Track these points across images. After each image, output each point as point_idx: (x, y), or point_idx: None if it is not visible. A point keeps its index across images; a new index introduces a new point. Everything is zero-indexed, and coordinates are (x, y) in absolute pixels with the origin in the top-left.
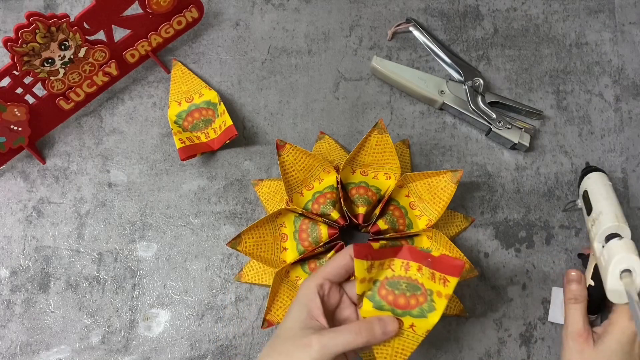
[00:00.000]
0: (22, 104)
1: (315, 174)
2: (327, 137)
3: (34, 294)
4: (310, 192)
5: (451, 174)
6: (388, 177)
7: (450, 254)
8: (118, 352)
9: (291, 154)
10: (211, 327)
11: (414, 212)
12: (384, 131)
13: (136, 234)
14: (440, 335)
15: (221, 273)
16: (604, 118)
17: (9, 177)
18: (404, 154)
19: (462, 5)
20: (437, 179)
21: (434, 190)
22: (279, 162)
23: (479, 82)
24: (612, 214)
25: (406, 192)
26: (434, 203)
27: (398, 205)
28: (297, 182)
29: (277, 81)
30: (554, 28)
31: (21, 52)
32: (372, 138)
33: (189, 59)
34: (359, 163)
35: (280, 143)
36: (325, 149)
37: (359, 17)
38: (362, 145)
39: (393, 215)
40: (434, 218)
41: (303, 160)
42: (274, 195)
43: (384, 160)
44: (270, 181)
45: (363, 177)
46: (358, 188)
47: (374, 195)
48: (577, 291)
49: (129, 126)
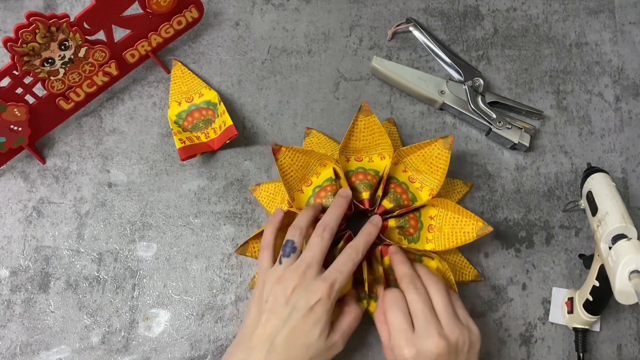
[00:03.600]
0: (22, 104)
1: (312, 170)
2: (314, 132)
3: (34, 294)
4: (310, 188)
5: (442, 141)
6: (382, 157)
7: (460, 217)
8: (118, 352)
9: (287, 155)
10: (211, 327)
11: (414, 185)
12: (370, 113)
13: (136, 234)
14: None
15: (221, 273)
16: (604, 118)
17: (9, 177)
18: (392, 131)
19: (462, 5)
20: (430, 147)
21: (429, 160)
22: (277, 165)
23: (479, 82)
24: (618, 215)
25: (403, 167)
26: (431, 172)
27: (398, 182)
28: (296, 180)
29: (277, 81)
30: (554, 28)
31: (21, 52)
32: (360, 122)
33: (189, 59)
34: (351, 150)
35: (276, 147)
36: (315, 143)
37: (359, 17)
38: (351, 132)
39: (395, 193)
40: (435, 187)
41: (299, 158)
42: (274, 197)
43: (375, 141)
44: (268, 184)
45: (358, 163)
46: (357, 174)
47: (373, 178)
48: None
49: (129, 126)
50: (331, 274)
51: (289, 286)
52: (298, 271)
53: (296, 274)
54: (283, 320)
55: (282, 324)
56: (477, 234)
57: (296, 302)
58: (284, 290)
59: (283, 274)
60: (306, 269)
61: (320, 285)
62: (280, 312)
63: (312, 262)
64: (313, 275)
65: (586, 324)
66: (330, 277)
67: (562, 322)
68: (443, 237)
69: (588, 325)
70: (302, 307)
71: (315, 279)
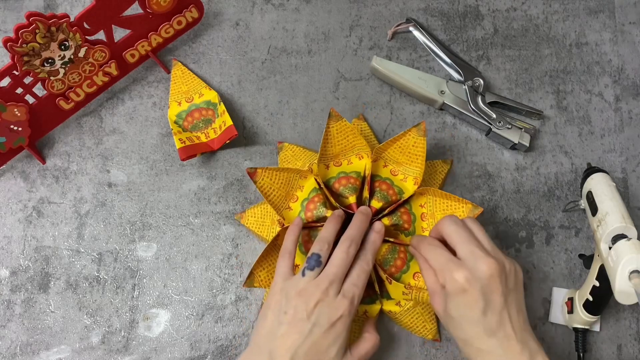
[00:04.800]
0: (22, 104)
1: (294, 184)
2: (286, 145)
3: (34, 294)
4: (297, 204)
5: (415, 129)
6: (360, 157)
7: (449, 201)
8: (118, 352)
9: (265, 176)
10: (211, 327)
11: (397, 177)
12: (340, 118)
13: (136, 234)
14: (440, 335)
15: (221, 273)
16: (604, 118)
17: (9, 177)
18: (364, 127)
19: (462, 5)
20: (405, 138)
21: (406, 150)
22: (257, 188)
23: (479, 82)
24: (618, 215)
25: (383, 163)
26: (411, 162)
27: (382, 179)
28: (281, 199)
29: (277, 81)
30: (554, 28)
31: (21, 52)
32: (332, 128)
33: (189, 59)
34: (329, 157)
35: (251, 170)
36: (290, 157)
37: (359, 17)
38: (325, 139)
39: (382, 190)
40: (418, 175)
41: (278, 176)
42: (263, 220)
43: (351, 144)
44: (254, 209)
45: (338, 167)
46: (339, 180)
47: (356, 181)
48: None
49: (129, 126)
50: (349, 289)
51: (311, 301)
52: (321, 286)
53: (319, 289)
54: (304, 335)
55: (303, 339)
56: (468, 216)
57: (318, 318)
58: (305, 304)
59: (306, 287)
60: (329, 285)
61: (342, 301)
62: (301, 327)
63: (335, 279)
64: (335, 291)
65: (586, 324)
66: (349, 293)
67: (562, 322)
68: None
69: (588, 325)
70: (324, 323)
71: (336, 295)
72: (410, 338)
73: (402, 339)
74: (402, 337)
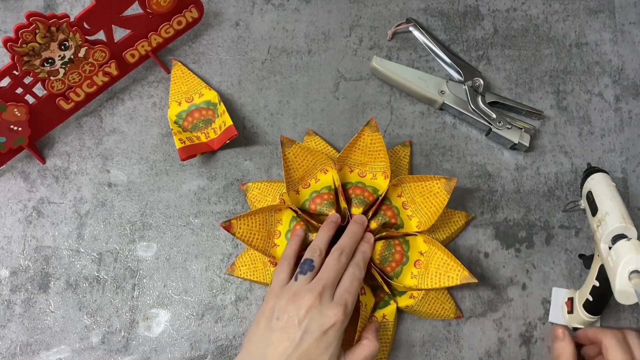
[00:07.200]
0: (22, 104)
1: (272, 221)
2: (250, 185)
3: (34, 294)
4: (307, 191)
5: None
6: (325, 172)
7: (423, 182)
8: (118, 352)
9: (242, 224)
10: (211, 327)
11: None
12: (292, 142)
13: (136, 234)
14: (440, 335)
15: (221, 273)
16: (604, 118)
17: (9, 177)
18: (317, 142)
19: (462, 5)
20: (362, 139)
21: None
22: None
23: (479, 82)
24: (618, 215)
25: (348, 169)
26: (374, 159)
27: (353, 184)
28: (265, 240)
29: (277, 81)
30: (554, 28)
31: (21, 52)
32: (288, 154)
33: (189, 59)
34: (295, 182)
35: (226, 224)
36: (258, 195)
37: (359, 17)
38: (286, 167)
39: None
40: (385, 169)
41: (254, 220)
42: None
43: (312, 163)
44: (242, 257)
45: (307, 189)
46: (313, 200)
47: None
48: (561, 348)
49: (129, 126)
50: (342, 296)
51: (303, 306)
52: (314, 291)
53: (312, 294)
54: (295, 343)
55: (294, 347)
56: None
57: (309, 325)
58: (297, 310)
59: (298, 291)
60: (322, 291)
61: (335, 309)
62: (292, 334)
63: (328, 285)
64: (328, 298)
65: (586, 324)
66: (342, 300)
67: (562, 322)
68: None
69: (588, 325)
70: (315, 330)
71: (329, 302)
72: (410, 338)
73: (402, 339)
74: (402, 337)
